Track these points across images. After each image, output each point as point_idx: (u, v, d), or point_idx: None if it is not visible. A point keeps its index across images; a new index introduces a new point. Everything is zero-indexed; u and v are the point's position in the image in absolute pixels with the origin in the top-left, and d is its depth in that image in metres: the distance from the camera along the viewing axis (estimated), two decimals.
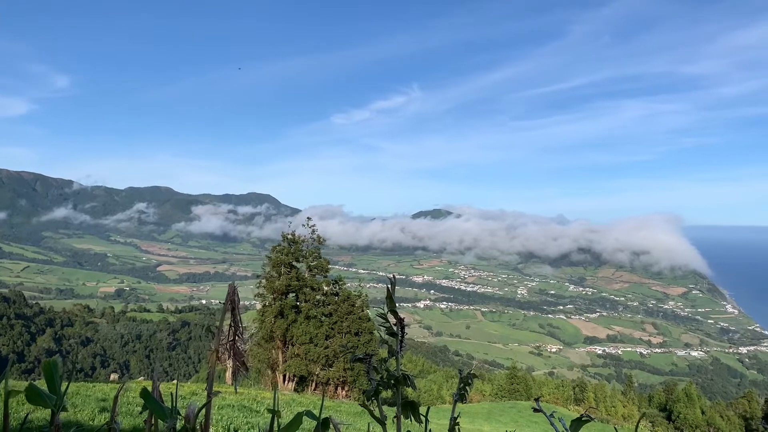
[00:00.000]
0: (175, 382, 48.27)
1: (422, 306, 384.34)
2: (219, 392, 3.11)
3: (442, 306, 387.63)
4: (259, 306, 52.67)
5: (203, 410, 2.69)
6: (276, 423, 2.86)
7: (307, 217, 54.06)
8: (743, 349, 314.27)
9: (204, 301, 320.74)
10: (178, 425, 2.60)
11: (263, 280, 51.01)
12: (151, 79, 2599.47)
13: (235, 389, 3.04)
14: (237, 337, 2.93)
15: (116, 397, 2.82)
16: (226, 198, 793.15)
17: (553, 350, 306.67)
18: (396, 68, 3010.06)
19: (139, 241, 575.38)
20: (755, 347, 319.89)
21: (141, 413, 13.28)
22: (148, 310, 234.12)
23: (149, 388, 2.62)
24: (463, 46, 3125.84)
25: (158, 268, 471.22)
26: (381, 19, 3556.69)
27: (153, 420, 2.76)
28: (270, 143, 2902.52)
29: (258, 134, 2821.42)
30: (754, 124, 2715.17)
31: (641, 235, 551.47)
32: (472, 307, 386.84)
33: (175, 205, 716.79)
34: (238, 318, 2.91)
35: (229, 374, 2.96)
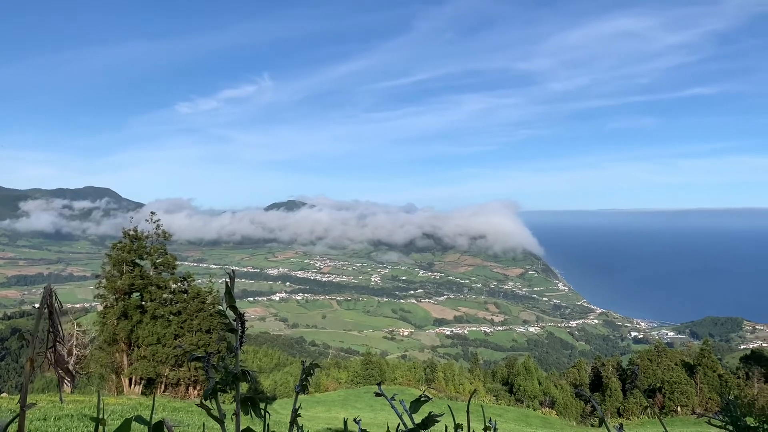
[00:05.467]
0: (4, 395, 44.00)
1: (278, 298, 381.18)
2: (34, 404, 2.78)
3: (298, 297, 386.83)
4: (100, 308, 49.63)
5: (15, 424, 2.42)
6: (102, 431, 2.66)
7: (151, 212, 51.71)
8: (573, 323, 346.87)
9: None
10: None
11: (104, 280, 48.16)
12: None
13: (61, 399, 2.92)
14: (57, 344, 2.71)
15: None
16: (60, 192, 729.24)
17: (406, 334, 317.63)
18: (244, 57, 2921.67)
19: None
20: (583, 320, 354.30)
21: None
22: None
23: None
24: (312, 37, 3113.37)
25: None
26: (222, 5, 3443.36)
27: None
28: (108, 133, 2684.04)
29: (94, 123, 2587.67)
30: (578, 117, 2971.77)
31: (479, 220, 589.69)
32: (327, 297, 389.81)
33: None
34: (57, 322, 2.69)
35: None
